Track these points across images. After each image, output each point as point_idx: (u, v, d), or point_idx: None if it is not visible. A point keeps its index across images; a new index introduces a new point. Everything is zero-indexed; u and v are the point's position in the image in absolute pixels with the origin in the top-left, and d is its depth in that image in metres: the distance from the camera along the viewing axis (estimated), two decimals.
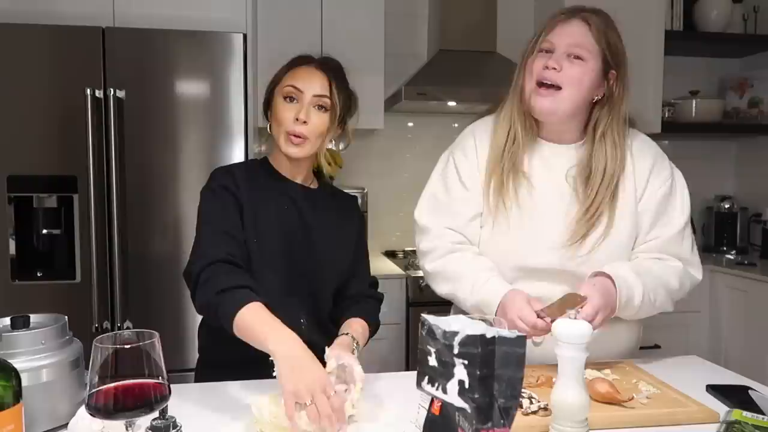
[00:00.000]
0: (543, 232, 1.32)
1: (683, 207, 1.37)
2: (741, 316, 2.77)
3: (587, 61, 1.27)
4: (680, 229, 1.35)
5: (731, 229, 3.30)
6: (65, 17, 2.30)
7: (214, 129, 2.31)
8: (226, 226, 1.25)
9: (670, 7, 3.10)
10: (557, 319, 0.97)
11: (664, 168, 1.38)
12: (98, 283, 2.20)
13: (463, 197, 1.39)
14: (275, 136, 1.32)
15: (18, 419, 0.83)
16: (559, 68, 1.27)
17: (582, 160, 1.34)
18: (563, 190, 1.34)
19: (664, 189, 1.36)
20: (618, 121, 1.33)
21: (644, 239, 1.35)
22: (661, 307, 1.33)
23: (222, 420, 1.08)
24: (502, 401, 0.76)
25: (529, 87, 1.31)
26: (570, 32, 1.28)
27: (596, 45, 1.28)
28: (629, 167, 1.35)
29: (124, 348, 0.79)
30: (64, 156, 2.20)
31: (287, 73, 1.33)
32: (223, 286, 1.14)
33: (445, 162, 1.46)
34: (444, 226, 1.39)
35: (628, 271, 1.27)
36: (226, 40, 2.32)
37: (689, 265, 1.37)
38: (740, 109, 3.33)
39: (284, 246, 1.32)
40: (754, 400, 1.14)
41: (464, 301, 1.35)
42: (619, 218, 1.32)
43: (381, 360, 2.48)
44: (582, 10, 1.31)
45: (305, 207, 1.36)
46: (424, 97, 2.73)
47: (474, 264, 1.35)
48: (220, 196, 1.29)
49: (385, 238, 3.15)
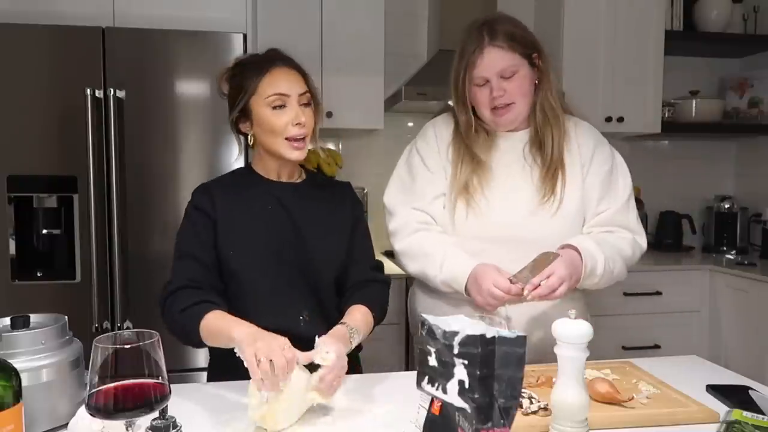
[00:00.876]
0: (515, 194, 1.45)
1: (625, 180, 1.51)
2: (741, 316, 2.77)
3: (519, 70, 1.41)
4: (625, 201, 1.49)
5: (731, 229, 3.29)
6: (65, 17, 2.30)
7: (214, 129, 2.31)
8: (192, 248, 1.31)
9: (670, 7, 3.10)
10: (559, 322, 0.97)
11: (605, 148, 1.52)
12: (98, 283, 2.20)
13: (426, 178, 1.51)
14: (268, 144, 1.33)
15: (18, 419, 0.83)
16: (503, 91, 1.41)
17: (532, 136, 1.49)
18: (521, 161, 1.48)
19: (607, 166, 1.50)
20: (551, 92, 1.46)
21: (595, 212, 1.47)
22: (618, 275, 1.45)
23: (222, 420, 1.08)
24: (502, 401, 0.76)
25: (485, 114, 1.45)
26: (492, 63, 1.39)
27: (516, 56, 1.40)
28: (574, 143, 1.48)
29: (124, 348, 0.79)
30: (64, 156, 2.20)
31: (261, 81, 1.30)
32: (182, 305, 1.22)
33: (408, 151, 1.60)
34: (410, 206, 1.50)
35: (590, 242, 1.40)
36: (226, 40, 2.32)
37: (636, 234, 1.50)
38: (740, 109, 3.33)
39: (273, 247, 1.33)
40: (754, 400, 1.14)
41: (434, 278, 1.44)
42: (570, 184, 1.45)
43: (381, 360, 2.47)
44: (486, 28, 1.41)
45: (292, 203, 1.37)
46: (424, 97, 2.72)
47: (440, 242, 1.46)
48: (192, 217, 1.34)
49: (384, 238, 3.13)
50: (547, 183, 1.44)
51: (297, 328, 1.32)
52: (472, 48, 1.40)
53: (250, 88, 1.31)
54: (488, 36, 1.40)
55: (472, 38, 1.42)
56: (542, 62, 1.44)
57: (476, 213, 1.44)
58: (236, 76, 1.35)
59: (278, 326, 1.28)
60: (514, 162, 1.48)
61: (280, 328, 1.28)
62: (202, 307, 1.20)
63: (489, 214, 1.44)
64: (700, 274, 2.92)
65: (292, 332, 1.29)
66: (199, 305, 1.21)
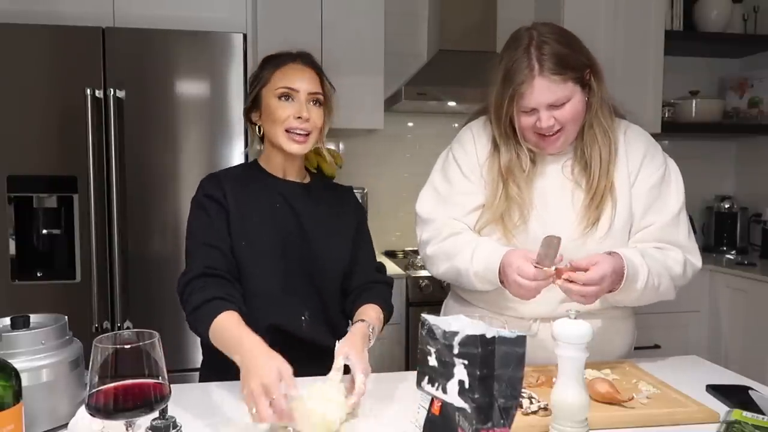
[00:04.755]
0: (555, 225, 1.32)
1: (677, 193, 1.38)
2: (741, 316, 2.77)
3: (572, 97, 1.28)
4: (675, 215, 1.35)
5: (731, 229, 3.30)
6: (65, 17, 2.30)
7: (214, 129, 2.31)
8: (208, 237, 1.28)
9: (670, 7, 3.10)
10: (559, 321, 0.96)
11: (657, 155, 1.39)
12: (98, 283, 2.20)
13: (464, 189, 1.41)
14: (271, 135, 1.33)
15: (18, 419, 0.83)
16: (553, 120, 1.28)
17: (576, 152, 1.37)
18: (564, 183, 1.37)
19: (657, 175, 1.37)
20: (602, 107, 1.34)
21: (639, 225, 1.35)
22: (664, 293, 1.33)
23: (222, 420, 1.08)
24: (502, 401, 0.76)
25: (531, 138, 1.33)
26: (542, 96, 1.26)
27: (567, 85, 1.27)
28: (622, 151, 1.37)
29: (124, 348, 0.79)
30: (64, 156, 2.20)
31: (274, 73, 1.33)
32: (195, 303, 1.18)
33: (444, 157, 1.49)
34: (447, 216, 1.41)
35: (635, 254, 1.27)
36: (226, 40, 2.32)
37: (688, 252, 1.37)
38: (740, 109, 3.33)
39: (279, 245, 1.32)
40: (754, 400, 1.14)
41: (466, 272, 1.32)
42: (620, 203, 1.34)
43: (381, 360, 2.48)
44: (535, 52, 1.26)
45: (298, 203, 1.36)
46: (424, 97, 2.72)
47: (472, 237, 1.36)
48: (205, 206, 1.31)
49: (385, 238, 3.14)
50: (591, 212, 1.32)
51: (298, 328, 1.32)
52: (520, 79, 1.26)
53: (264, 78, 1.34)
54: (537, 63, 1.25)
55: (519, 64, 1.27)
56: (595, 79, 1.32)
57: (512, 243, 1.33)
58: (260, 68, 1.38)
59: (279, 325, 1.29)
60: (557, 188, 1.36)
61: (281, 326, 1.29)
62: (213, 307, 1.16)
63: (526, 243, 1.32)
64: (699, 274, 2.88)
65: (292, 332, 1.30)
66: (211, 304, 1.16)
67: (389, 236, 3.16)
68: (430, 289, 2.53)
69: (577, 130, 1.33)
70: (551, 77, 1.25)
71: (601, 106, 1.34)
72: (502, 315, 1.35)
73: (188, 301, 1.21)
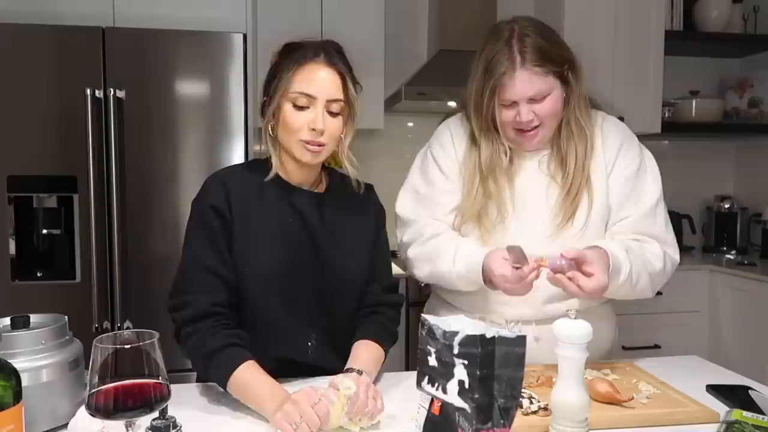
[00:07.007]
0: (531, 221, 1.33)
1: (654, 184, 1.37)
2: (741, 316, 2.77)
3: (552, 91, 1.28)
4: (652, 206, 1.35)
5: (731, 229, 3.30)
6: (65, 17, 2.30)
7: (214, 129, 2.31)
8: (210, 261, 1.18)
9: (670, 7, 3.10)
10: (559, 321, 0.96)
11: (632, 146, 1.39)
12: (98, 283, 2.20)
13: (444, 188, 1.40)
14: (284, 141, 1.22)
15: (18, 419, 0.83)
16: (533, 115, 1.28)
17: (553, 148, 1.37)
18: (539, 177, 1.36)
19: (633, 167, 1.36)
20: (579, 104, 1.34)
21: (616, 217, 1.35)
22: (641, 291, 1.31)
23: (222, 420, 1.08)
24: (502, 401, 0.76)
25: (509, 134, 1.33)
26: (523, 88, 1.26)
27: (549, 78, 1.27)
28: (599, 143, 1.36)
29: (124, 348, 0.79)
30: (64, 156, 2.20)
31: (293, 73, 1.18)
32: (209, 348, 1.12)
33: (423, 156, 1.48)
34: (427, 216, 1.40)
35: (619, 249, 1.26)
36: (226, 40, 2.32)
37: (665, 245, 1.36)
38: (740, 109, 3.33)
39: (287, 265, 1.22)
40: (754, 400, 1.14)
41: (449, 274, 1.31)
42: (597, 197, 1.33)
43: None
44: (516, 43, 1.26)
45: (313, 216, 1.25)
46: (424, 97, 2.73)
47: (453, 239, 1.35)
48: (208, 220, 1.19)
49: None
50: (566, 207, 1.31)
51: (304, 355, 1.24)
52: (502, 69, 1.25)
53: (282, 76, 1.19)
54: (519, 55, 1.25)
55: (500, 55, 1.26)
56: (574, 75, 1.31)
57: (489, 243, 1.32)
58: (280, 57, 1.23)
59: (284, 355, 1.22)
60: (533, 182, 1.36)
61: (286, 356, 1.22)
62: (231, 356, 1.10)
63: (503, 240, 1.29)
64: (700, 274, 2.92)
65: (298, 360, 1.23)
66: (227, 351, 1.11)
67: (389, 236, 3.15)
68: (430, 289, 2.53)
69: (554, 126, 1.33)
70: (533, 69, 1.25)
71: (579, 103, 1.34)
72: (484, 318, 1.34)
73: (198, 341, 1.13)
